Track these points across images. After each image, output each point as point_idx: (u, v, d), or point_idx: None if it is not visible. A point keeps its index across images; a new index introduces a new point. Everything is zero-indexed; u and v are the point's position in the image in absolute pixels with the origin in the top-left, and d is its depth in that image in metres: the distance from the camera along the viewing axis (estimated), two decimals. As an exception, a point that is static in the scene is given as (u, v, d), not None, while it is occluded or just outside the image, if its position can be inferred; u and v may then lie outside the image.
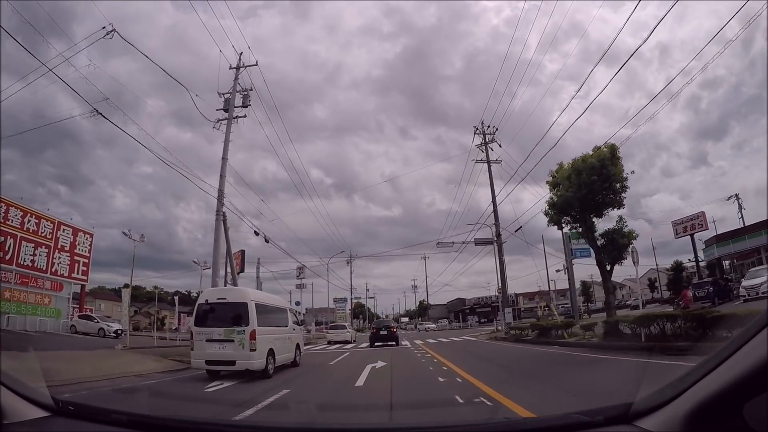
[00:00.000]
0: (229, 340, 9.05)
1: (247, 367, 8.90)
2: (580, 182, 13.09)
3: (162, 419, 2.18)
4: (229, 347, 9.04)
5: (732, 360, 1.03)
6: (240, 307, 9.35)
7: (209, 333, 9.22)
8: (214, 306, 9.60)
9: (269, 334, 9.85)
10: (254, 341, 8.99)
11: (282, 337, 10.83)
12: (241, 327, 9.12)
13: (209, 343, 9.14)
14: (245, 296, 9.75)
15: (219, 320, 9.33)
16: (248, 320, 9.15)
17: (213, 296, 9.90)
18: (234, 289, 12.20)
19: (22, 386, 1.64)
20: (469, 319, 60.04)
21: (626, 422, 1.39)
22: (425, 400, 5.99)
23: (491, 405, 5.11)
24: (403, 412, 5.39)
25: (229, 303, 9.56)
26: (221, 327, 9.17)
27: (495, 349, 16.32)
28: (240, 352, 8.94)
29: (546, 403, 5.05)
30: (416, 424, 4.09)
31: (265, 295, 12.21)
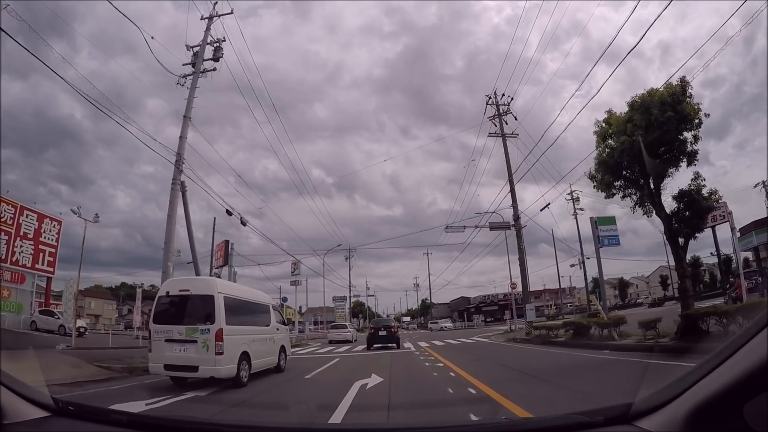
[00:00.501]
0: (192, 340, 7.58)
1: (213, 374, 7.43)
2: (649, 121, 9.22)
3: (162, 419, 2.25)
4: (192, 349, 7.57)
5: (732, 360, 1.02)
6: (205, 301, 7.82)
7: (168, 331, 7.78)
8: (175, 299, 8.09)
9: (243, 334, 8.37)
10: (221, 342, 7.52)
11: (261, 338, 9.34)
12: (205, 325, 7.63)
13: (168, 344, 7.68)
14: (212, 288, 8.12)
15: (181, 316, 7.87)
16: (214, 317, 7.63)
17: (175, 287, 8.32)
18: (200, 279, 10.25)
19: (22, 386, 1.62)
20: (474, 318, 56.06)
21: (626, 422, 1.37)
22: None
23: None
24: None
25: (192, 296, 8.01)
26: (183, 324, 7.72)
27: (525, 355, 13.02)
28: (204, 355, 7.46)
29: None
30: (415, 424, 4.02)
31: (240, 287, 10.62)
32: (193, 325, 7.61)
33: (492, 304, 62.60)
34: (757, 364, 0.95)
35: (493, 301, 62.84)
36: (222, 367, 7.41)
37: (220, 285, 8.41)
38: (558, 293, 79.33)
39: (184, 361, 7.47)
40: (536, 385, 6.81)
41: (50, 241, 27.76)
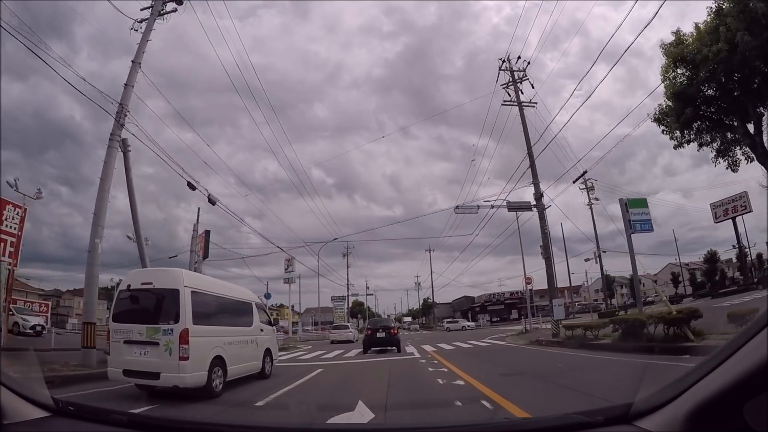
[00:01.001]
0: (153, 342, 6.46)
1: (176, 382, 6.24)
2: (753, 17, 5.88)
3: (162, 419, 2.26)
4: (153, 353, 6.45)
5: (732, 360, 1.03)
6: (169, 296, 6.72)
7: (128, 331, 6.67)
8: (136, 294, 6.96)
9: (216, 335, 7.32)
10: (186, 345, 6.38)
11: (241, 340, 8.24)
12: (168, 324, 6.51)
13: (128, 346, 6.59)
14: (177, 280, 6.89)
15: (141, 314, 6.78)
16: (178, 315, 6.51)
17: (137, 280, 7.12)
18: (164, 270, 8.23)
19: (22, 386, 1.62)
20: (479, 318, 52.39)
21: (626, 422, 1.38)
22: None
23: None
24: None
25: (155, 290, 6.85)
26: (143, 324, 6.59)
27: (576, 365, 9.80)
28: (166, 360, 6.32)
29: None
30: (415, 424, 4.07)
31: (215, 281, 8.96)
32: (154, 325, 6.68)
33: (498, 302, 59.16)
34: (757, 364, 0.96)
35: (499, 300, 59.40)
36: (188, 374, 6.40)
37: (187, 277, 7.29)
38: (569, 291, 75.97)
39: (145, 366, 6.52)
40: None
41: (11, 229, 24.28)
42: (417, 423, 4.15)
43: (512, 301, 58.44)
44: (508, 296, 59.05)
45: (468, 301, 68.80)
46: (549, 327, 31.38)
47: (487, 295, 61.81)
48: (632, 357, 9.22)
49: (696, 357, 7.72)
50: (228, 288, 8.93)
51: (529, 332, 23.20)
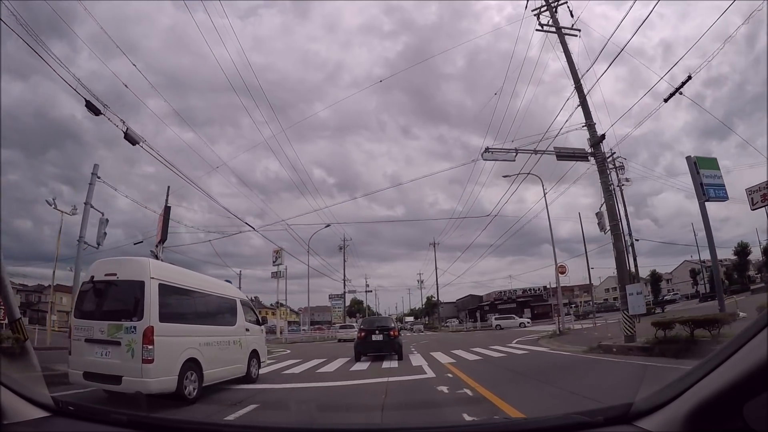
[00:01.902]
0: (115, 341, 5.80)
1: (138, 388, 5.49)
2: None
3: (161, 419, 2.21)
4: (115, 353, 5.79)
5: (732, 360, 1.04)
6: (133, 289, 6.02)
7: (89, 328, 6.02)
8: (99, 286, 6.30)
9: (190, 335, 6.66)
10: (151, 346, 5.74)
11: (221, 340, 7.54)
12: (131, 321, 5.83)
13: (89, 345, 5.94)
14: (142, 271, 6.17)
15: (103, 309, 6.16)
16: (143, 311, 5.86)
17: (100, 271, 6.39)
18: (129, 260, 6.83)
19: (22, 386, 1.62)
20: (488, 317, 46.76)
21: (626, 422, 1.38)
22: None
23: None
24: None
25: (119, 282, 6.19)
26: (105, 320, 5.97)
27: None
28: (128, 362, 5.68)
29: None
30: (415, 424, 4.11)
31: (191, 273, 7.89)
32: (116, 321, 5.87)
33: (509, 300, 54.13)
34: (757, 364, 0.96)
35: (510, 298, 54.18)
36: (152, 378, 5.68)
37: (154, 268, 6.37)
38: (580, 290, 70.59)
39: (106, 368, 5.76)
40: None
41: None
42: (417, 423, 4.28)
43: (525, 298, 53.29)
44: (520, 293, 53.51)
45: (474, 300, 64.04)
46: (581, 327, 25.75)
47: (496, 292, 56.99)
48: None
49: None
50: (207, 282, 8.18)
51: (565, 333, 20.13)
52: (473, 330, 43.90)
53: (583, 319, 42.59)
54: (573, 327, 22.35)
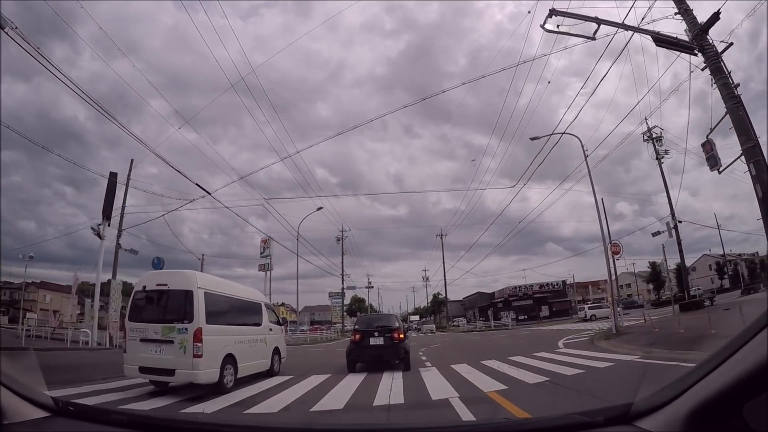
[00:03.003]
0: (168, 340, 7.05)
1: (190, 379, 6.90)
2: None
3: (162, 419, 2.20)
4: (168, 350, 7.04)
5: (732, 360, 1.04)
6: (183, 297, 7.26)
7: (144, 330, 7.24)
8: (152, 294, 7.58)
9: (228, 334, 7.98)
10: (200, 344, 6.97)
11: (250, 339, 8.91)
12: (182, 324, 7.05)
13: (144, 344, 7.19)
14: (191, 282, 7.48)
15: (157, 313, 7.41)
16: (192, 315, 7.11)
17: (152, 281, 7.76)
18: (178, 272, 8.29)
19: (22, 386, 1.63)
20: (502, 316, 41.50)
21: (626, 422, 1.38)
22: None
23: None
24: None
25: (170, 291, 7.47)
26: (159, 323, 7.22)
27: None
28: (181, 357, 6.91)
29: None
30: (415, 424, 4.09)
31: (227, 282, 9.32)
32: (169, 324, 7.11)
33: (525, 297, 48.68)
34: (757, 364, 0.97)
35: (526, 294, 49.30)
36: (201, 371, 6.90)
37: (200, 279, 7.78)
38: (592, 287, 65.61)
39: (160, 363, 7.00)
40: None
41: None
42: (417, 423, 4.36)
43: (543, 294, 47.94)
44: (537, 289, 48.13)
45: (483, 298, 59.75)
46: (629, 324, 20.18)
47: (510, 288, 52.00)
48: None
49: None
50: (238, 289, 9.42)
51: (625, 332, 15.79)
52: (488, 330, 38.80)
53: (582, 320, 38.01)
54: (623, 324, 17.20)
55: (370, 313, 25.87)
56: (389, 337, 10.45)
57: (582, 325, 29.34)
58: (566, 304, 51.95)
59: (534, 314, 50.19)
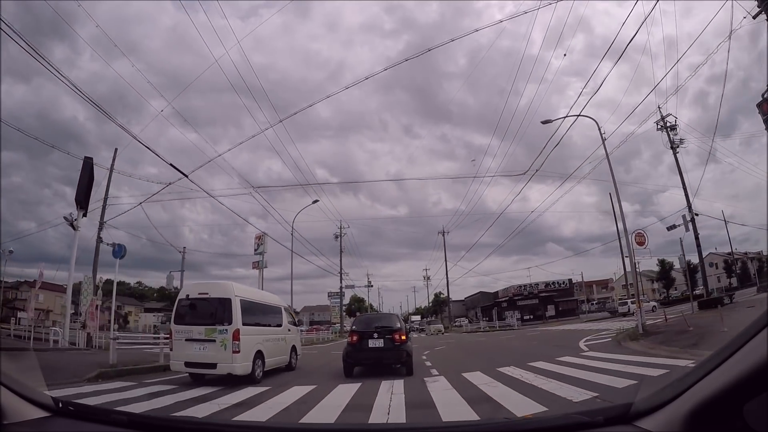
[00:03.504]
0: (211, 340, 8.48)
1: (229, 371, 8.32)
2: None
3: (162, 419, 2.30)
4: (211, 348, 8.46)
5: (732, 360, 1.04)
6: (223, 304, 8.73)
7: (188, 332, 8.68)
8: (194, 302, 8.99)
9: (258, 334, 9.39)
10: (238, 342, 8.40)
11: (274, 338, 10.38)
12: (223, 326, 8.49)
13: (189, 343, 8.62)
14: (229, 291, 8.97)
15: (200, 318, 8.78)
16: (231, 318, 8.57)
17: (194, 291, 9.23)
18: (218, 283, 9.78)
19: (22, 386, 1.64)
20: (506, 316, 39.87)
21: (626, 422, 1.36)
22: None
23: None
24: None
25: (211, 299, 8.93)
26: (202, 325, 8.64)
27: None
28: (221, 353, 8.34)
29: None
30: (415, 424, 4.15)
31: (256, 291, 11.48)
32: (211, 326, 8.48)
33: (530, 296, 47.03)
34: (757, 364, 0.96)
35: (532, 293, 47.59)
36: (238, 364, 8.31)
37: (236, 289, 9.21)
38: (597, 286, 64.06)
39: (203, 358, 8.40)
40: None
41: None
42: (417, 423, 4.37)
43: (548, 293, 46.09)
44: (543, 288, 46.34)
45: (485, 298, 57.93)
46: (659, 321, 18.56)
47: (515, 287, 50.32)
48: None
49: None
50: (264, 296, 11.14)
51: (653, 331, 14.13)
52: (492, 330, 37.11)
53: (623, 315, 36.48)
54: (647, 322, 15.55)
55: (369, 313, 23.98)
56: (390, 338, 9.69)
57: (596, 324, 28.23)
58: (573, 304, 51.20)
59: (540, 314, 49.11)
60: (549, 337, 20.72)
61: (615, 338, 14.90)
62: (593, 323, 30.86)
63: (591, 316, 43.74)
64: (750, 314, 12.60)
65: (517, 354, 12.92)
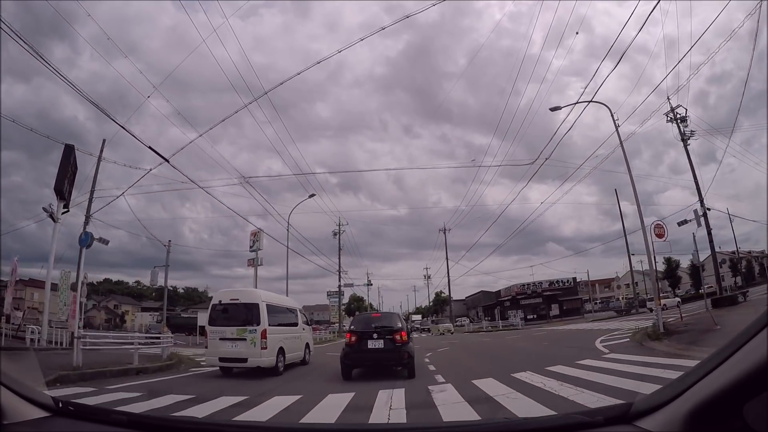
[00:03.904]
0: (242, 338, 9.97)
1: (258, 364, 9.82)
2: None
3: (162, 419, 2.25)
4: (242, 345, 9.96)
5: (732, 360, 1.04)
6: (252, 308, 10.24)
7: (222, 332, 10.19)
8: (227, 306, 10.51)
9: (279, 333, 10.83)
10: (265, 340, 9.93)
11: (292, 336, 11.92)
12: (252, 326, 9.97)
13: (222, 342, 10.12)
14: (257, 297, 10.69)
15: (232, 320, 10.29)
16: (259, 320, 10.08)
17: (226, 297, 10.77)
18: (246, 290, 12.06)
19: (22, 386, 1.63)
20: (509, 315, 38.83)
21: (626, 422, 1.36)
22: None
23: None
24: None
25: (241, 304, 10.42)
26: (234, 326, 10.14)
27: None
28: (251, 350, 9.84)
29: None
30: (416, 424, 4.16)
31: (276, 296, 12.97)
32: (242, 327, 9.93)
33: (534, 295, 45.68)
34: (757, 364, 0.96)
35: (535, 292, 46.50)
36: (265, 359, 9.82)
37: (263, 295, 11.05)
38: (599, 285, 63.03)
39: (236, 354, 9.88)
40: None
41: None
42: (417, 423, 4.36)
43: (552, 292, 44.93)
44: (546, 287, 45.26)
45: (487, 297, 56.67)
46: (674, 320, 17.55)
47: (518, 286, 49.15)
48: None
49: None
50: (283, 299, 13.00)
51: (674, 330, 12.99)
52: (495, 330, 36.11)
53: (627, 314, 35.58)
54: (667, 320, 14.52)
55: (368, 312, 22.63)
56: (390, 339, 9.22)
57: (604, 324, 27.45)
58: (577, 303, 50.28)
59: (543, 313, 48.15)
60: (558, 338, 19.88)
61: (633, 338, 14.00)
62: (600, 323, 30.19)
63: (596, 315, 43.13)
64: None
65: (530, 356, 12.09)
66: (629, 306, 40.84)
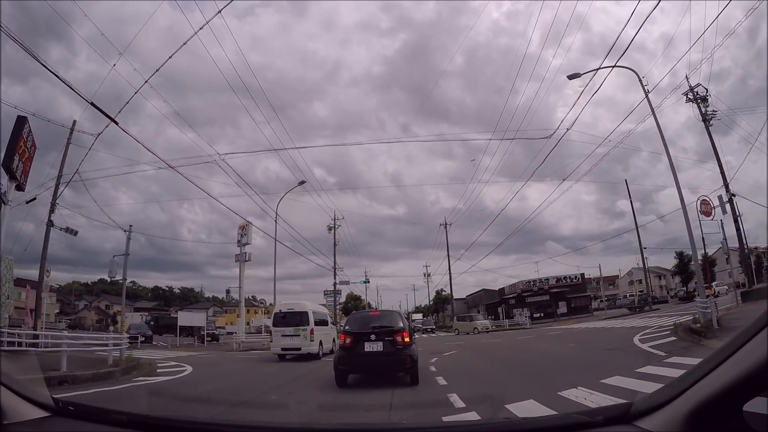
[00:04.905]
0: (296, 335, 15.44)
1: (309, 351, 15.37)
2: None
3: (162, 419, 2.20)
4: (297, 339, 15.45)
5: (732, 360, 1.05)
6: (303, 314, 15.92)
7: (283, 331, 15.59)
8: (285, 313, 16.07)
9: (319, 330, 16.47)
10: (312, 335, 15.59)
11: (325, 332, 17.48)
12: (304, 326, 15.54)
13: (283, 337, 15.54)
14: (306, 307, 16.60)
15: (289, 322, 15.68)
16: (308, 322, 15.71)
17: (285, 307, 16.70)
18: (298, 302, 17.44)
19: (22, 386, 1.66)
20: (515, 313, 36.82)
21: (626, 422, 1.37)
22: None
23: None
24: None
25: (296, 312, 15.99)
26: (291, 326, 15.61)
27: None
28: (304, 342, 15.40)
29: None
30: (415, 424, 4.18)
31: (316, 305, 19.30)
32: (297, 326, 15.41)
33: (541, 292, 43.75)
34: (757, 364, 0.96)
35: (542, 288, 44.45)
36: (314, 348, 15.45)
37: (309, 305, 17.29)
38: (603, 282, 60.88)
39: (293, 345, 15.37)
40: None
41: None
42: (417, 423, 4.40)
43: (560, 289, 42.89)
44: (554, 283, 43.29)
45: (489, 295, 54.96)
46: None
47: (524, 282, 47.37)
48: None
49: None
50: (319, 307, 19.76)
51: (728, 326, 11.31)
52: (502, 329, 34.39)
53: (641, 311, 33.57)
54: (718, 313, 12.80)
55: (365, 311, 20.25)
56: (390, 341, 8.16)
57: (622, 321, 26.04)
58: (585, 300, 48.28)
59: (550, 311, 45.85)
60: (581, 338, 17.90)
61: (680, 336, 12.28)
62: (616, 320, 28.64)
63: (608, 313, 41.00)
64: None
65: (566, 364, 10.13)
66: (643, 303, 39.50)
